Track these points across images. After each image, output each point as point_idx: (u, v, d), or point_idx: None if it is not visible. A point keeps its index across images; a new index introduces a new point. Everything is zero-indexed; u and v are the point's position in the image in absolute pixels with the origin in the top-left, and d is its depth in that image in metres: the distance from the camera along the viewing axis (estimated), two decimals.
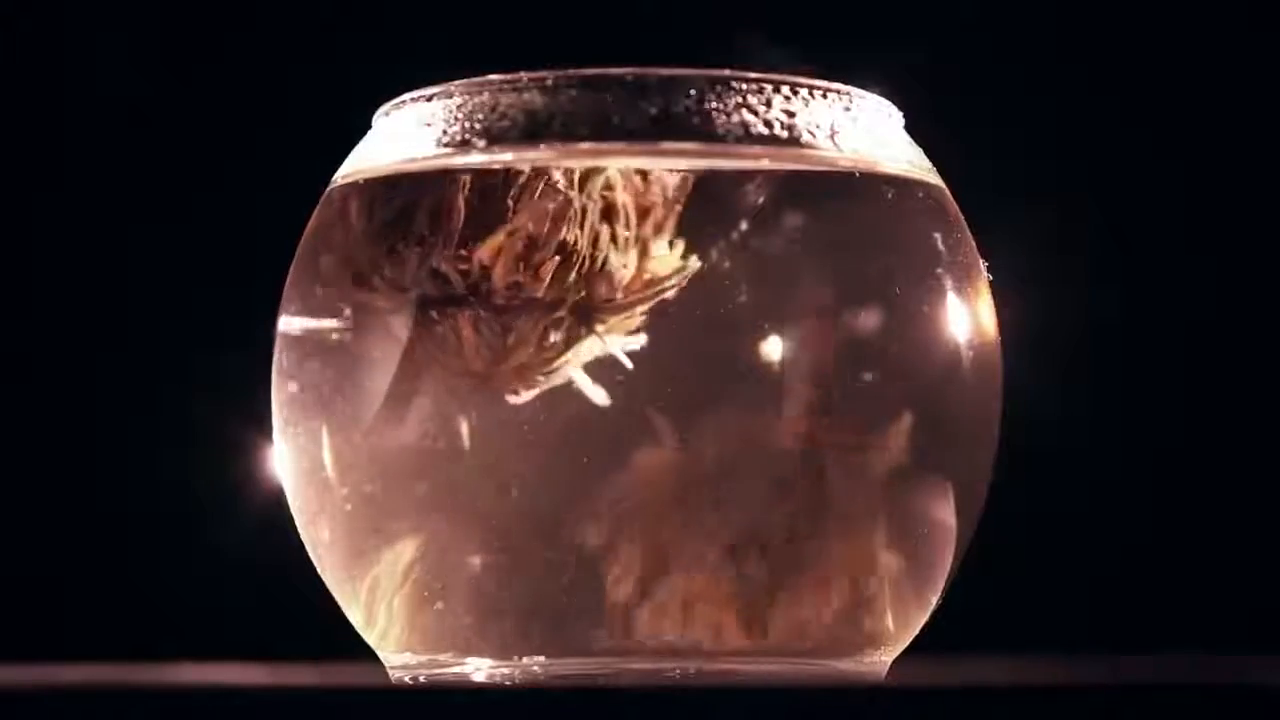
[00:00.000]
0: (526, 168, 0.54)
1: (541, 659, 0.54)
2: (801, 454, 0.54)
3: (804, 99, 0.56)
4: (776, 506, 0.54)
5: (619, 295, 0.54)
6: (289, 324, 0.57)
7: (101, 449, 0.80)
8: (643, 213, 0.54)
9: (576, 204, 0.54)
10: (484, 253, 0.54)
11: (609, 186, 0.54)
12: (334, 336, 0.56)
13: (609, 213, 0.54)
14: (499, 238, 0.54)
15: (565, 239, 0.54)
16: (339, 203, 0.57)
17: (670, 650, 0.54)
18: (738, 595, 0.54)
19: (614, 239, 0.54)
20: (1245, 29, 0.81)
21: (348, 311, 0.56)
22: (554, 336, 0.54)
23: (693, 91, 0.55)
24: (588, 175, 0.54)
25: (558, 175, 0.54)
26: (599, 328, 0.54)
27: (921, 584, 0.56)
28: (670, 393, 0.53)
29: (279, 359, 0.57)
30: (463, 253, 0.54)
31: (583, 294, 0.54)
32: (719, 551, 0.54)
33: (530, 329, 0.54)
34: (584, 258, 0.54)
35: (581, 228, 0.54)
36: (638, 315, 0.54)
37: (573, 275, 0.54)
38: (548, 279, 0.54)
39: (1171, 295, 0.80)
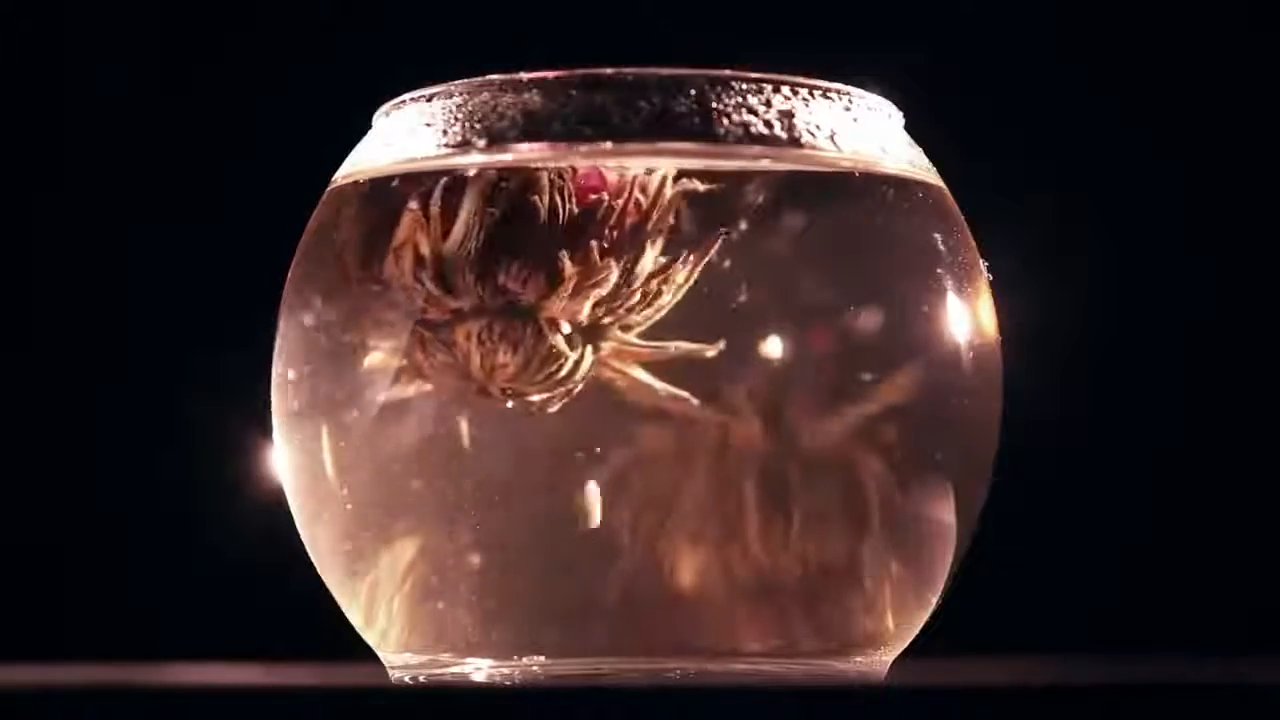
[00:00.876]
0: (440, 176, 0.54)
1: (541, 659, 0.54)
2: (800, 454, 0.54)
3: (804, 99, 0.56)
4: (775, 506, 0.54)
5: (549, 296, 0.53)
6: (288, 324, 0.57)
7: (101, 449, 0.80)
8: (586, 213, 0.54)
9: (437, 210, 0.54)
10: (387, 268, 0.54)
11: (533, 190, 0.54)
12: (332, 337, 0.56)
13: (521, 215, 0.54)
14: (390, 253, 0.54)
15: (453, 244, 0.54)
16: (339, 203, 0.57)
17: (670, 650, 0.54)
18: (738, 595, 0.54)
19: (524, 241, 0.54)
20: (1245, 29, 0.81)
21: (344, 313, 0.56)
22: (490, 342, 0.53)
23: (693, 91, 0.55)
24: (500, 178, 0.54)
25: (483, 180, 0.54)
26: (561, 331, 0.53)
27: (921, 584, 0.56)
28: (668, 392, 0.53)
29: (279, 359, 0.57)
30: (372, 270, 0.54)
31: (501, 299, 0.54)
32: (718, 552, 0.54)
33: (464, 339, 0.54)
34: (469, 262, 0.53)
35: (470, 233, 0.54)
36: (599, 314, 0.54)
37: (466, 281, 0.53)
38: (431, 286, 0.54)
39: (1171, 295, 0.80)
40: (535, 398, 0.54)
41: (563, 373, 0.53)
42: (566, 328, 0.53)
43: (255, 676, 0.64)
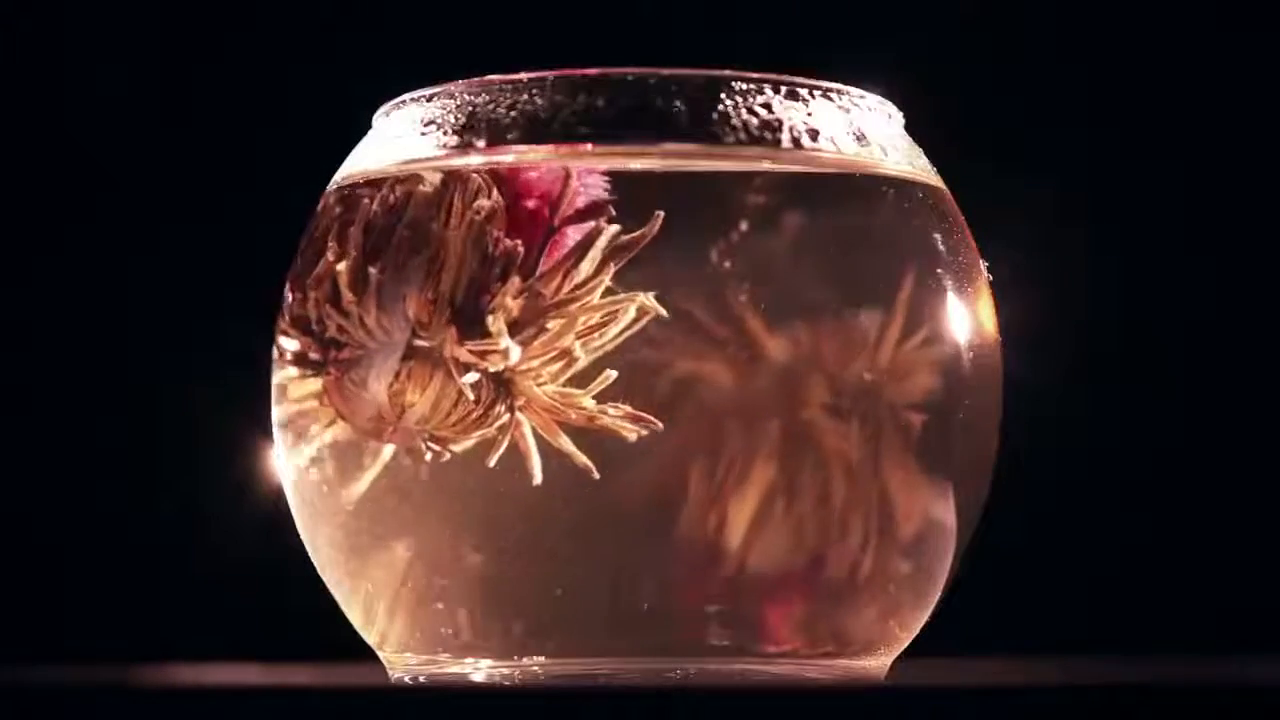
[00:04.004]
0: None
1: (541, 659, 0.54)
2: (800, 455, 0.54)
3: (804, 99, 0.56)
4: (774, 507, 0.54)
5: (459, 341, 0.53)
6: (287, 324, 0.57)
7: (102, 448, 0.80)
8: (508, 257, 0.53)
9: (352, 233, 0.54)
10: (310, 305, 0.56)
11: (448, 213, 0.53)
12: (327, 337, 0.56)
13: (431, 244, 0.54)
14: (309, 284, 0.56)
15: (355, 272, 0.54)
16: (338, 204, 0.57)
17: (670, 650, 0.54)
18: (737, 595, 0.54)
19: (436, 276, 0.53)
20: (1246, 29, 0.81)
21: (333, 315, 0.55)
22: (398, 382, 0.53)
23: (693, 91, 0.55)
24: (409, 194, 0.54)
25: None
26: (469, 377, 0.53)
27: (921, 584, 0.56)
28: (666, 395, 0.53)
29: (278, 358, 0.57)
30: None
31: (408, 336, 0.54)
32: (719, 552, 0.54)
33: (374, 379, 0.54)
34: (375, 293, 0.54)
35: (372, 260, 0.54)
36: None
37: (373, 315, 0.54)
38: (339, 319, 0.54)
39: (1172, 295, 0.80)
40: (455, 447, 0.53)
41: (473, 418, 0.53)
42: (474, 375, 0.53)
43: (255, 676, 0.64)
